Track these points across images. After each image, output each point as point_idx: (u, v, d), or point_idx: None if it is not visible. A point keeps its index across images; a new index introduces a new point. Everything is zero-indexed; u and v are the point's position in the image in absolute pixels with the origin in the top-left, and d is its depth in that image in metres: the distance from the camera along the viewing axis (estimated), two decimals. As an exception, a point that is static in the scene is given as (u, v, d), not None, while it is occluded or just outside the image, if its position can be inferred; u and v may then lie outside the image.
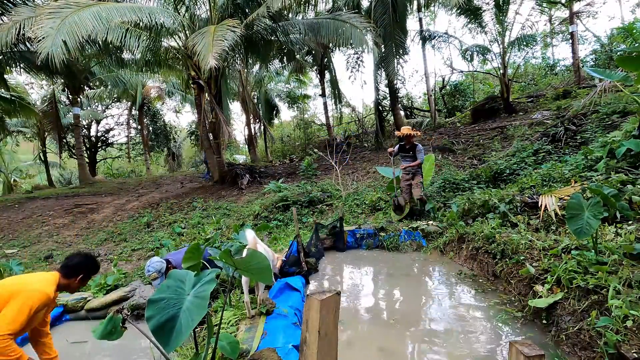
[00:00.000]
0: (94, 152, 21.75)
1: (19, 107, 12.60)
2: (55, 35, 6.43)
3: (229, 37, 7.52)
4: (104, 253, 7.03)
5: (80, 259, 2.50)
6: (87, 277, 2.52)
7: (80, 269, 2.45)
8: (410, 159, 6.30)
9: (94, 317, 4.17)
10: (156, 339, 1.59)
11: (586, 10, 12.37)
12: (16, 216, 9.70)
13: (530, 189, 5.14)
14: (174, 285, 1.78)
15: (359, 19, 9.47)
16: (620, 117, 6.38)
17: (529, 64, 17.11)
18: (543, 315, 2.88)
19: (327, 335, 1.47)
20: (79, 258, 2.51)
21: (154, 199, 10.58)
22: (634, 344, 2.10)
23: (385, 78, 11.85)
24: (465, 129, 11.28)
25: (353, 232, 5.75)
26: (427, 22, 18.81)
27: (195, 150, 24.31)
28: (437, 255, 5.06)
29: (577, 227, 2.74)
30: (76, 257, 2.52)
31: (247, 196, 9.62)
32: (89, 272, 2.52)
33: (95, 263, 2.58)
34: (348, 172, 9.97)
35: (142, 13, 8.10)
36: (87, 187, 13.65)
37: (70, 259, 2.50)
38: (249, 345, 2.63)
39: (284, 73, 19.06)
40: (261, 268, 1.94)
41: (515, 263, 3.54)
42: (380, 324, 3.37)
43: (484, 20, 11.39)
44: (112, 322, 2.03)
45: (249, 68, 15.85)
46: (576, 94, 10.19)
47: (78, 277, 2.44)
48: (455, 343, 2.88)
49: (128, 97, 18.54)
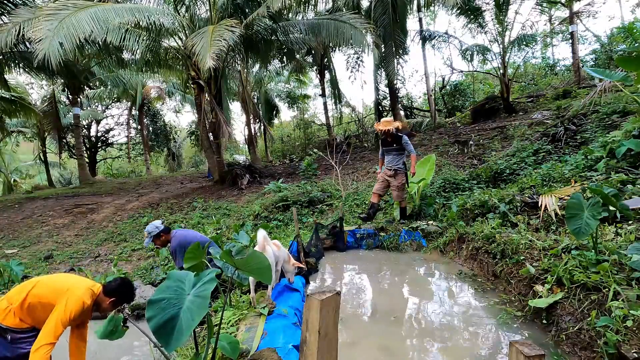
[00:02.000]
0: (94, 152, 21.76)
1: (19, 107, 12.61)
2: (53, 37, 6.44)
3: (227, 37, 7.53)
4: (104, 253, 7.03)
5: (120, 283, 2.49)
6: (118, 303, 2.48)
7: (116, 293, 2.44)
8: (396, 152, 5.55)
9: (94, 318, 4.17)
10: (157, 339, 1.59)
11: (586, 10, 12.37)
12: (16, 216, 9.71)
13: (530, 189, 5.14)
14: (174, 285, 1.78)
15: (358, 19, 9.47)
16: (620, 117, 6.38)
17: (529, 64, 17.12)
18: (543, 315, 2.88)
19: (327, 335, 1.47)
20: (121, 282, 2.50)
21: (154, 199, 10.58)
22: (634, 343, 2.10)
23: (385, 78, 11.85)
24: (465, 129, 11.28)
25: (353, 232, 5.74)
26: (427, 22, 18.83)
27: (195, 150, 24.33)
28: (437, 255, 5.06)
29: (575, 227, 2.74)
30: (120, 280, 2.52)
31: (247, 196, 9.63)
32: (121, 298, 2.48)
33: (131, 293, 2.55)
34: (348, 172, 9.97)
35: (141, 14, 8.10)
36: (87, 187, 13.65)
37: (115, 280, 2.51)
38: (249, 345, 2.63)
39: (284, 73, 19.06)
40: (261, 268, 1.94)
41: (515, 263, 3.54)
42: (380, 323, 3.37)
43: (484, 20, 11.38)
44: (113, 322, 2.03)
45: (249, 68, 15.84)
46: (576, 94, 10.19)
47: (111, 299, 2.42)
48: (456, 343, 2.88)
49: (128, 97, 18.55)
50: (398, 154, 5.61)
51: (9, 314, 2.23)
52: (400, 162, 5.70)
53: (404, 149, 5.57)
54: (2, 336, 2.22)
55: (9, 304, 2.25)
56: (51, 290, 2.27)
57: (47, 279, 2.41)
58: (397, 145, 5.56)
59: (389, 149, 5.64)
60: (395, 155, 5.61)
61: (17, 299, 2.24)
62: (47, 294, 2.25)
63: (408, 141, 5.56)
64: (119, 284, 2.46)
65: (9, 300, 2.27)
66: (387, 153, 5.70)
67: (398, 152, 5.61)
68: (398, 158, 5.68)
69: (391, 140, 5.56)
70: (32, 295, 2.25)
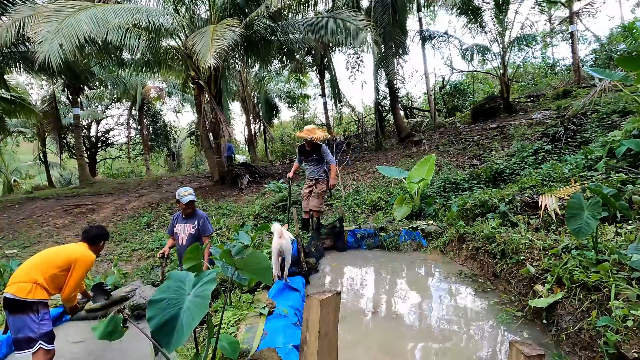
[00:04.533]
0: (94, 152, 21.76)
1: (19, 107, 12.60)
2: (53, 39, 6.44)
3: (228, 36, 7.52)
4: (104, 253, 7.02)
5: (97, 229, 3.18)
6: (104, 244, 3.26)
7: (102, 237, 3.18)
8: (315, 162, 5.24)
9: (94, 318, 4.17)
10: (157, 339, 1.59)
11: (586, 10, 12.35)
12: (16, 216, 9.70)
13: (530, 188, 5.14)
14: (174, 285, 1.78)
15: (358, 17, 9.45)
16: (620, 117, 6.38)
17: (528, 64, 17.12)
18: (543, 315, 2.88)
19: (327, 335, 1.47)
20: (96, 229, 3.19)
21: (154, 199, 10.57)
22: (634, 343, 2.10)
23: (385, 78, 11.83)
24: (465, 129, 11.28)
25: (353, 232, 5.74)
26: (427, 22, 18.82)
27: (195, 150, 24.33)
28: (437, 255, 5.06)
29: (575, 227, 2.74)
30: (93, 229, 3.18)
31: (247, 196, 9.62)
32: (106, 238, 3.24)
33: (107, 231, 3.30)
34: (348, 172, 9.96)
35: (141, 14, 8.09)
36: (87, 187, 13.65)
37: (89, 231, 3.14)
38: (249, 345, 2.63)
39: (284, 73, 19.06)
40: (261, 268, 1.94)
41: (516, 263, 3.54)
42: (380, 323, 3.38)
43: (484, 20, 11.40)
44: (113, 322, 2.03)
45: (249, 68, 15.86)
46: (576, 94, 10.19)
47: (101, 243, 3.18)
48: (456, 343, 2.88)
49: (128, 97, 18.54)
50: (317, 164, 5.28)
51: (37, 289, 2.65)
52: (320, 171, 5.36)
53: (323, 158, 5.24)
54: (33, 311, 2.62)
55: (31, 281, 2.66)
56: (64, 259, 2.84)
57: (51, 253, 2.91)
58: (316, 155, 5.22)
59: (308, 159, 5.28)
60: (315, 165, 5.28)
61: (41, 275, 2.70)
62: (64, 264, 2.81)
63: (327, 150, 5.24)
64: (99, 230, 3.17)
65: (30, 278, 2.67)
66: (306, 163, 5.35)
67: (317, 162, 5.28)
68: (318, 168, 5.34)
69: (310, 150, 5.20)
70: (56, 267, 2.78)
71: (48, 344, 2.63)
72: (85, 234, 3.13)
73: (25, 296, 2.60)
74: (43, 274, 2.72)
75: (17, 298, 2.59)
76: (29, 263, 2.82)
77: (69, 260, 2.84)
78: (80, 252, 2.93)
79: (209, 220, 3.99)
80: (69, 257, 2.86)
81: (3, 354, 3.33)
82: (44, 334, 2.62)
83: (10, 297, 2.60)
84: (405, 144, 11.49)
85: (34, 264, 2.79)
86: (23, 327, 2.57)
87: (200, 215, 3.96)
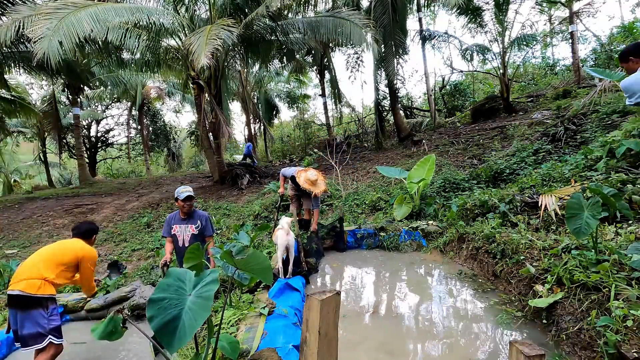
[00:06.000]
0: (94, 152, 21.76)
1: (19, 107, 12.59)
2: (52, 36, 6.43)
3: (223, 36, 7.52)
4: (104, 253, 7.03)
5: (88, 224, 3.35)
6: (95, 237, 3.39)
7: (93, 231, 3.32)
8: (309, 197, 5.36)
9: (94, 318, 4.17)
10: (159, 339, 1.58)
11: (586, 10, 12.36)
12: (16, 216, 9.70)
13: (530, 188, 5.14)
14: (174, 284, 1.75)
15: (357, 16, 9.45)
16: (620, 117, 6.38)
17: (528, 64, 17.12)
18: (543, 315, 2.88)
19: (327, 335, 1.47)
20: (87, 224, 3.34)
21: (154, 199, 10.57)
22: (634, 343, 2.10)
23: (385, 78, 11.83)
24: (465, 129, 11.28)
25: (353, 232, 5.75)
26: (427, 22, 18.82)
27: (195, 150, 24.33)
28: (437, 255, 5.06)
29: (575, 227, 2.74)
30: (84, 224, 3.34)
31: (247, 196, 9.62)
32: (96, 232, 3.38)
33: (96, 225, 3.46)
34: (348, 172, 9.96)
35: (141, 14, 8.10)
36: (87, 187, 13.66)
37: (80, 227, 3.28)
38: (249, 345, 2.63)
39: (284, 73, 19.05)
40: (261, 268, 1.94)
41: (516, 263, 3.54)
42: (380, 323, 3.38)
43: (484, 20, 11.39)
44: (112, 322, 2.03)
45: (249, 68, 15.84)
46: (576, 94, 10.19)
47: (93, 237, 3.31)
48: (455, 342, 2.88)
49: (128, 97, 18.55)
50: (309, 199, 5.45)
51: (45, 285, 2.72)
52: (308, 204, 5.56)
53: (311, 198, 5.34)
54: (43, 307, 2.68)
55: (40, 277, 2.72)
56: (71, 256, 2.96)
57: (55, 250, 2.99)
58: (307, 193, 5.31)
59: (304, 194, 5.42)
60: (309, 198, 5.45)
61: (48, 271, 2.79)
62: (70, 261, 2.93)
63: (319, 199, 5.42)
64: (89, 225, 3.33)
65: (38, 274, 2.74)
66: (303, 196, 5.54)
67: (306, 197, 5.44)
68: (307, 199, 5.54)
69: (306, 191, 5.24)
70: (62, 264, 2.89)
71: (57, 338, 2.71)
72: (77, 229, 3.25)
73: (35, 292, 2.65)
74: (51, 270, 2.80)
75: (27, 294, 2.63)
76: (33, 260, 2.87)
77: (76, 258, 2.97)
78: (85, 250, 3.05)
79: (210, 221, 3.99)
80: (76, 254, 2.98)
81: (3, 354, 3.33)
82: (53, 328, 2.69)
83: (19, 294, 2.63)
84: (405, 144, 11.50)
85: (39, 261, 2.84)
86: (32, 324, 2.62)
87: (201, 215, 3.94)
